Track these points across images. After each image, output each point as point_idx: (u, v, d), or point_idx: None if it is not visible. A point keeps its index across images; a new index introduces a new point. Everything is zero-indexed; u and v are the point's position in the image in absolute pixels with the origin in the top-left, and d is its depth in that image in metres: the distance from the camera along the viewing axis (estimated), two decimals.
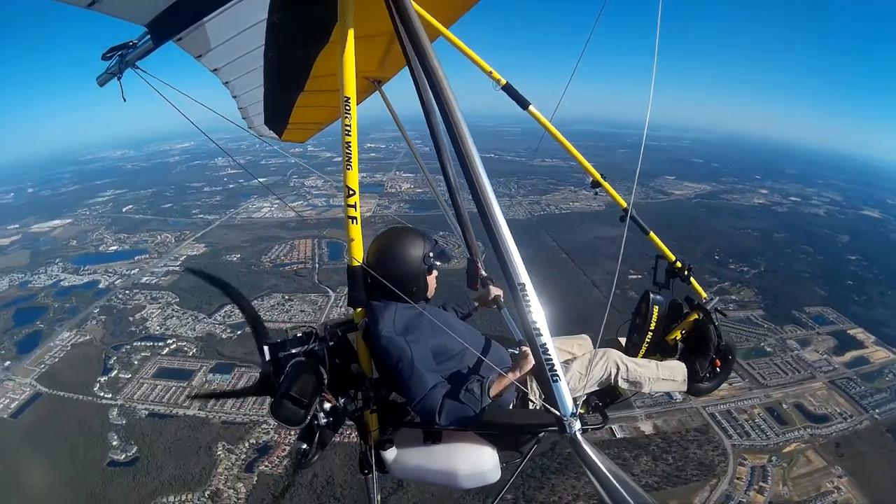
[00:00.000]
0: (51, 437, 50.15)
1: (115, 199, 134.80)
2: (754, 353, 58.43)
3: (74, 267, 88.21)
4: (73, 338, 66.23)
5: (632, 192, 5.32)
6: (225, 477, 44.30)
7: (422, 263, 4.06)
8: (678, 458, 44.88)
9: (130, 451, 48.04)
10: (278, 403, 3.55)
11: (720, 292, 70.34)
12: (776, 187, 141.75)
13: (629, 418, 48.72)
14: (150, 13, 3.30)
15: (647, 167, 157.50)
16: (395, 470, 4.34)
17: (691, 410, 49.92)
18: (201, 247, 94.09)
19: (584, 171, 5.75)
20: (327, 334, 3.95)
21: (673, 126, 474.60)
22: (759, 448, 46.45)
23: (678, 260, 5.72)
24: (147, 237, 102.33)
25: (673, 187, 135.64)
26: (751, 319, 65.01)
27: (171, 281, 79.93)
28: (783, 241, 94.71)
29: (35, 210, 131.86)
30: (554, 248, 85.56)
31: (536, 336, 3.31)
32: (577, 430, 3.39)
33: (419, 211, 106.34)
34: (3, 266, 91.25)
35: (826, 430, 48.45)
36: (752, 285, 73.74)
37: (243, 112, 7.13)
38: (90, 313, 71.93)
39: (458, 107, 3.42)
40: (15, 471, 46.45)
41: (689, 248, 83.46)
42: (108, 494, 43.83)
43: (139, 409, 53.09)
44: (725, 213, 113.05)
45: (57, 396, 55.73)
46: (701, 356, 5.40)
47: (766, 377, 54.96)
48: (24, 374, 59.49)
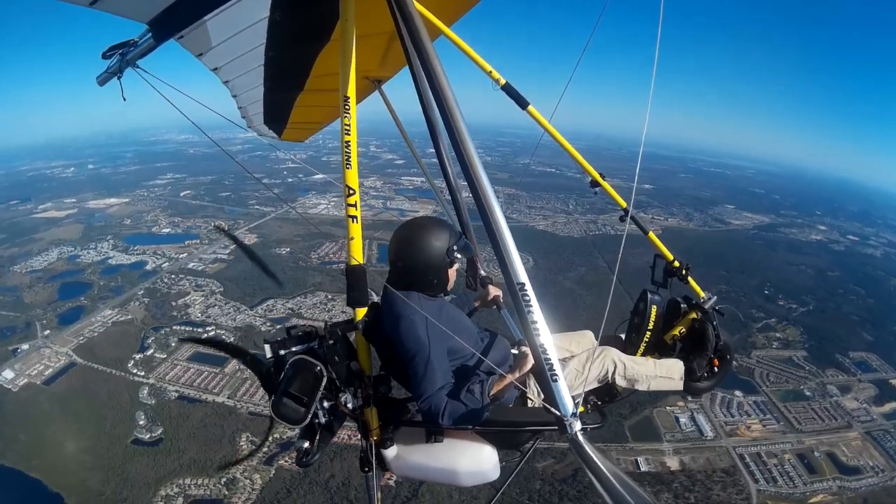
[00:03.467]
0: (80, 407, 51.94)
1: (174, 183, 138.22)
2: (793, 396, 56.47)
3: (125, 245, 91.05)
4: (114, 316, 68.17)
5: (632, 194, 5.13)
6: (244, 467, 44.58)
7: (445, 256, 4.02)
8: (700, 498, 43.41)
9: (156, 431, 49.16)
10: (279, 401, 3.60)
11: (765, 329, 69.01)
12: (835, 224, 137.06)
13: (656, 451, 47.72)
14: (151, 11, 3.33)
15: (707, 194, 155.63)
16: (395, 468, 4.34)
17: (720, 449, 48.42)
18: (253, 237, 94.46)
19: (583, 171, 5.68)
20: (328, 333, 3.88)
21: (736, 154, 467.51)
22: (784, 496, 44.63)
23: (676, 259, 5.75)
24: (201, 223, 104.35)
25: (732, 216, 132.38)
26: (793, 360, 62.79)
27: (217, 269, 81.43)
28: (836, 280, 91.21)
29: (94, 186, 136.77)
30: (604, 269, 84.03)
31: (536, 336, 3.27)
32: (578, 431, 3.30)
33: (474, 220, 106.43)
34: (55, 238, 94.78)
35: (856, 484, 46.09)
36: (799, 324, 71.09)
37: (243, 111, 7.23)
38: (134, 294, 73.92)
39: (459, 106, 3.40)
40: (40, 435, 48.28)
41: (741, 281, 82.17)
42: (126, 471, 44.94)
43: (169, 391, 54.23)
44: (782, 246, 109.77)
45: (91, 368, 57.46)
46: (699, 355, 5.41)
47: (801, 422, 52.85)
48: (61, 343, 61.51)
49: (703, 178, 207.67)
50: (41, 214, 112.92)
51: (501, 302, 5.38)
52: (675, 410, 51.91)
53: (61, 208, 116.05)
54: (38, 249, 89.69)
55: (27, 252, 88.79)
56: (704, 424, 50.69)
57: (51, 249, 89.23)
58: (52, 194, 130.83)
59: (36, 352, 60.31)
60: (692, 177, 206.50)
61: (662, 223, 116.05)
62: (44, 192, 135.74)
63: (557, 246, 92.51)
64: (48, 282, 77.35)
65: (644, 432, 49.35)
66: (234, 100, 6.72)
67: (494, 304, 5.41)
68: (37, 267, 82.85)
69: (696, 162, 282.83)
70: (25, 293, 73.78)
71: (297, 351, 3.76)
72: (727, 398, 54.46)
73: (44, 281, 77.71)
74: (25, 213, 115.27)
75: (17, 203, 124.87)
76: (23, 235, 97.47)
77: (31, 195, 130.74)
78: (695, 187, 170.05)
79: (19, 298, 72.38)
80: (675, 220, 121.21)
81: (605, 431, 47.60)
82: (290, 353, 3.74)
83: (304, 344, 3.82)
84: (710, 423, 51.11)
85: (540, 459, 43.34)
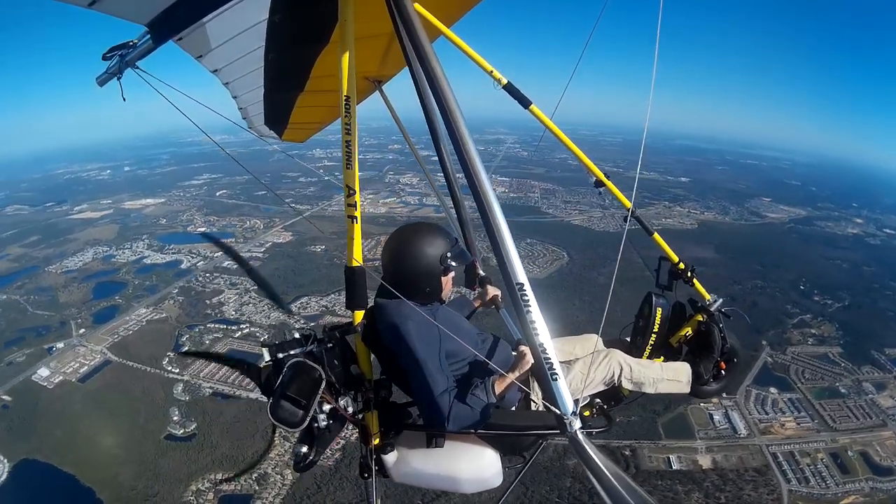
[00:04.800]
0: (114, 403, 52.97)
1: (209, 183, 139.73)
2: (828, 394, 55.07)
3: (160, 244, 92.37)
4: (149, 314, 69.31)
5: (633, 194, 5.25)
6: (275, 462, 44.85)
7: (438, 263, 3.98)
8: (731, 498, 42.59)
9: (189, 427, 49.87)
10: (276, 404, 3.60)
11: (800, 325, 67.67)
12: (872, 217, 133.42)
13: (688, 449, 47.01)
14: (150, 12, 3.34)
15: (743, 187, 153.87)
16: (395, 474, 4.32)
17: (753, 448, 47.52)
18: (288, 235, 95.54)
19: (587, 170, 5.62)
20: (326, 336, 3.94)
21: (772, 146, 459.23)
22: (816, 497, 43.55)
23: (681, 261, 5.66)
24: (236, 221, 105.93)
25: (768, 209, 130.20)
26: (829, 357, 61.27)
27: (252, 267, 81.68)
28: (872, 275, 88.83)
29: (130, 188, 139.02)
30: (639, 266, 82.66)
31: (535, 336, 3.29)
32: (578, 430, 3.32)
33: (511, 216, 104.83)
34: (90, 238, 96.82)
35: (888, 485, 44.63)
36: (834, 320, 69.45)
37: (243, 112, 7.23)
38: (169, 293, 74.92)
39: (459, 106, 3.41)
40: (74, 430, 49.41)
41: (776, 276, 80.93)
42: (158, 465, 45.67)
43: (204, 387, 54.82)
44: (817, 240, 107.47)
45: (125, 366, 58.48)
46: (705, 359, 5.36)
47: (836, 420, 51.49)
48: (96, 342, 62.73)
49: (739, 170, 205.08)
50: (77, 216, 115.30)
51: (500, 302, 5.31)
52: (710, 407, 51.05)
53: (97, 209, 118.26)
54: (74, 250, 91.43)
55: (62, 252, 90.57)
56: (738, 422, 49.88)
57: (86, 250, 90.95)
58: (87, 196, 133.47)
59: (71, 350, 61.47)
60: (728, 169, 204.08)
61: (699, 217, 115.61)
62: (80, 194, 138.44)
63: (593, 241, 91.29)
64: (83, 281, 78.83)
65: (678, 429, 48.74)
66: (235, 101, 6.79)
67: (493, 305, 5.35)
68: (72, 267, 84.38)
69: (732, 154, 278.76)
70: (60, 293, 75.23)
71: (295, 354, 3.75)
72: (762, 395, 53.57)
73: (79, 281, 79.23)
74: (61, 215, 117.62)
75: (53, 205, 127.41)
76: (58, 236, 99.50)
77: (66, 197, 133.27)
78: (731, 180, 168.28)
79: (54, 298, 73.81)
80: (712, 214, 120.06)
81: (638, 429, 47.51)
82: (288, 356, 3.74)
83: (302, 347, 3.82)
84: (745, 420, 50.24)
85: (571, 457, 43.03)
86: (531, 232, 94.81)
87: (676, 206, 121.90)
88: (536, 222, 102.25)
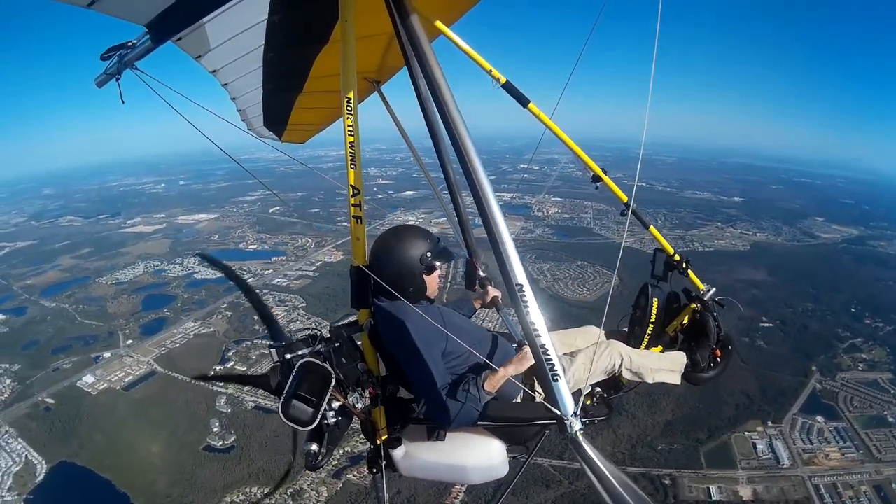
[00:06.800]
0: (156, 413, 53.93)
1: (263, 200, 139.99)
2: (875, 422, 52.51)
3: None
4: (196, 328, 70.57)
5: (633, 190, 5.27)
6: (311, 478, 44.76)
7: (418, 263, 4.11)
8: None
9: (229, 439, 50.42)
10: (288, 403, 3.64)
11: (851, 349, 64.82)
12: None
13: (730, 479, 45.53)
14: (149, 13, 3.31)
15: (797, 206, 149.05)
16: (403, 468, 4.40)
17: (796, 479, 45.69)
18: (339, 254, 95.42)
19: (584, 166, 5.72)
20: (332, 335, 4.03)
21: (827, 162, 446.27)
22: None
23: (676, 252, 5.90)
24: (288, 239, 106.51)
25: (820, 229, 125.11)
26: (878, 383, 58.50)
27: (301, 285, 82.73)
28: None
29: (184, 202, 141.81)
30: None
31: (535, 337, 3.35)
32: (578, 430, 3.40)
33: (562, 237, 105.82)
34: (142, 252, 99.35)
35: None
36: (885, 344, 66.42)
37: (242, 114, 7.28)
38: (217, 308, 75.83)
39: (457, 107, 3.49)
40: (114, 437, 50.50)
41: (828, 298, 77.69)
42: (195, 476, 46.43)
43: (247, 400, 55.13)
44: (870, 261, 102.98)
45: (170, 377, 59.60)
46: (701, 347, 5.56)
47: (881, 450, 48.96)
48: (143, 353, 64.26)
49: (793, 188, 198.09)
50: (129, 229, 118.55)
51: (500, 303, 5.45)
52: (754, 436, 49.48)
53: (150, 223, 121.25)
54: (125, 263, 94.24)
55: (113, 265, 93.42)
56: (782, 452, 48.13)
57: (137, 263, 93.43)
58: (141, 209, 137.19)
59: (117, 360, 63.11)
60: (782, 188, 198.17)
61: (751, 238, 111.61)
62: (133, 206, 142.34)
63: (644, 264, 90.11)
64: (132, 293, 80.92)
65: (720, 458, 47.27)
66: (234, 102, 6.80)
67: (494, 306, 5.50)
68: (122, 279, 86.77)
69: (787, 172, 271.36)
70: (109, 303, 77.44)
71: (303, 354, 3.82)
72: (808, 423, 51.58)
73: (128, 292, 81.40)
74: (114, 228, 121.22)
75: (107, 217, 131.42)
76: (110, 249, 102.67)
77: (120, 210, 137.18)
78: (785, 199, 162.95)
79: (103, 308, 76.01)
80: (764, 235, 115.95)
81: (680, 457, 46.48)
82: (296, 356, 3.80)
83: (310, 347, 3.90)
84: (788, 450, 48.41)
85: None
86: (582, 254, 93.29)
87: (729, 226, 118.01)
88: (588, 244, 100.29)
